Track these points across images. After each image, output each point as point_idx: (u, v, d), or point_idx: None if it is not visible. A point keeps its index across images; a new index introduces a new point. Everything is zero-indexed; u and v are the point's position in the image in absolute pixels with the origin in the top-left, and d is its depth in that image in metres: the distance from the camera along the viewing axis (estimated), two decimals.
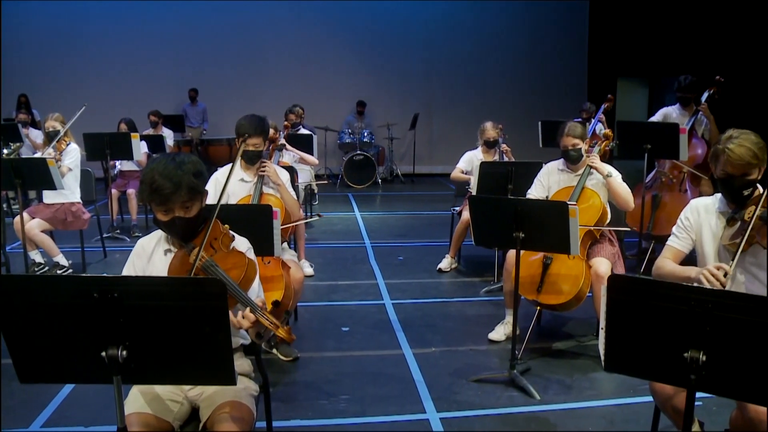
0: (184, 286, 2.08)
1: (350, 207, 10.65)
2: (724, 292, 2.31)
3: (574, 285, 4.56)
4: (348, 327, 5.27)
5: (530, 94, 14.55)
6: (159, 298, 2.02)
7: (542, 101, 14.25)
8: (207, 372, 2.14)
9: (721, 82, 7.07)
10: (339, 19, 14.06)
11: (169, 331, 2.06)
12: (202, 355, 2.09)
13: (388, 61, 14.38)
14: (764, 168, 3.01)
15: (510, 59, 14.67)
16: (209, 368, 2.12)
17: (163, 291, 2.05)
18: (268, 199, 4.63)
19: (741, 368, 2.11)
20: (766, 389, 2.11)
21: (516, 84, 14.69)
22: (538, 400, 4.05)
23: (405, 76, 14.50)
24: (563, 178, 5.06)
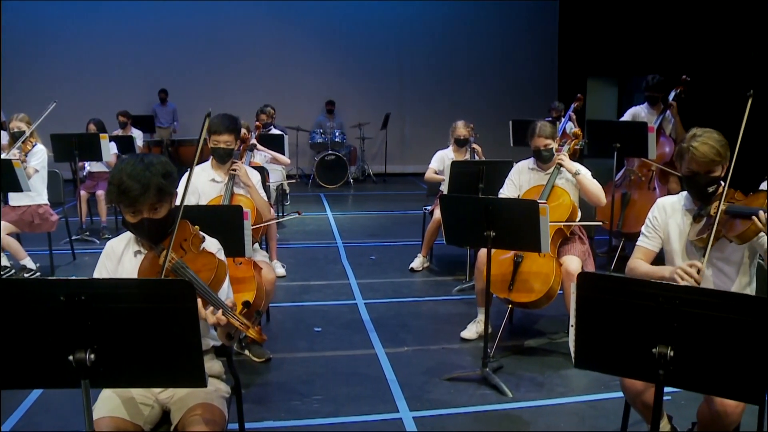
0: (153, 288, 2.06)
1: (322, 207, 10.63)
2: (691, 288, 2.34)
3: (544, 283, 4.59)
4: (320, 327, 5.26)
5: (501, 93, 14.63)
6: (127, 300, 2.00)
7: (513, 100, 14.34)
8: (177, 374, 2.12)
9: (687, 81, 7.18)
10: (310, 19, 14.01)
11: (139, 334, 2.04)
12: (172, 357, 2.07)
13: (360, 60, 14.37)
14: (727, 165, 3.05)
15: (481, 59, 14.73)
16: (179, 370, 2.10)
17: (131, 293, 2.03)
18: (239, 200, 4.60)
19: (707, 363, 2.13)
20: (731, 382, 2.14)
21: (487, 83, 14.75)
22: (510, 398, 4.07)
23: (376, 76, 14.50)
24: (534, 176, 5.10)
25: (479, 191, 5.77)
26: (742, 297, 2.15)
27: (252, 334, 2.44)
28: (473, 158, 6.88)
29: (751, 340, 2.05)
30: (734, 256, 3.08)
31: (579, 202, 5.00)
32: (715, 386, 2.24)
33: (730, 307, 2.05)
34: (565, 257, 4.72)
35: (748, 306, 2.05)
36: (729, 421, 2.77)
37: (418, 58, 14.57)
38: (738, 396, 2.34)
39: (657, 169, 7.00)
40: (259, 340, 2.52)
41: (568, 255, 4.73)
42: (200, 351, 2.07)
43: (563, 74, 14.97)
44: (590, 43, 14.16)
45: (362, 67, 14.40)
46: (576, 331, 2.34)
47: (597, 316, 2.27)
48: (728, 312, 2.05)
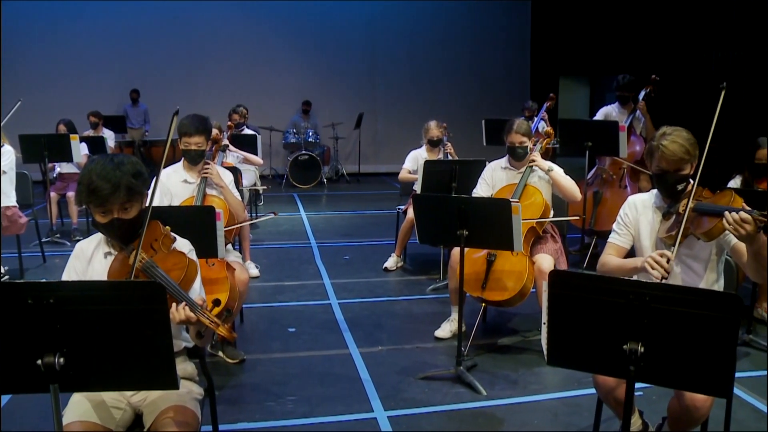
0: (123, 290, 2.04)
1: (296, 207, 10.60)
2: (660, 285, 2.36)
3: (518, 281, 4.61)
4: (294, 328, 5.24)
5: (474, 93, 14.70)
6: (97, 302, 1.98)
7: (486, 100, 14.43)
8: (149, 376, 2.10)
9: (657, 81, 7.27)
10: (282, 18, 13.97)
11: (109, 336, 2.02)
12: (143, 359, 2.05)
13: (333, 60, 14.35)
14: (696, 163, 3.09)
15: (454, 59, 14.79)
16: (151, 372, 2.08)
17: (101, 295, 2.01)
18: (211, 201, 4.57)
19: (677, 358, 2.16)
20: (700, 377, 2.17)
21: (460, 83, 14.81)
22: (484, 396, 4.09)
23: (349, 76, 14.50)
24: (506, 175, 5.12)
25: (452, 190, 5.79)
26: (710, 293, 2.19)
27: (222, 332, 2.43)
28: (446, 158, 6.90)
29: (719, 335, 2.08)
30: (702, 254, 3.12)
31: (552, 200, 5.03)
32: (685, 381, 2.27)
33: (699, 303, 2.08)
34: (538, 255, 4.75)
35: (716, 302, 2.08)
36: (698, 415, 2.81)
37: (391, 58, 14.59)
38: (706, 390, 2.38)
39: (628, 167, 7.07)
40: (229, 338, 2.51)
41: (540, 253, 4.76)
42: (172, 353, 2.05)
43: (536, 74, 15.08)
44: (562, 43, 14.30)
45: (335, 67, 14.39)
46: (548, 329, 2.36)
47: (568, 313, 2.29)
48: (697, 308, 2.08)
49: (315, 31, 14.18)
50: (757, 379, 4.43)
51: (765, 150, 5.30)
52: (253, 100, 11.76)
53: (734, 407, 3.64)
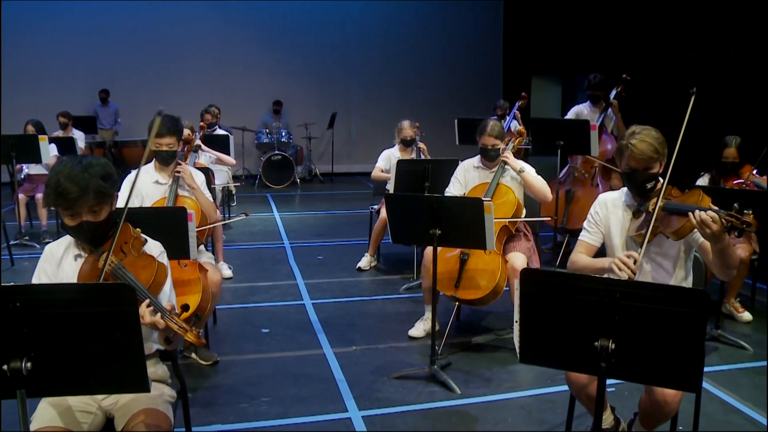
0: (92, 293, 2.01)
1: (269, 207, 10.55)
2: (630, 282, 2.39)
3: (491, 280, 4.63)
4: (268, 328, 5.22)
5: (447, 92, 14.75)
6: (65, 305, 1.95)
7: (458, 99, 14.48)
8: (119, 380, 2.07)
9: (628, 80, 7.35)
10: (255, 18, 13.91)
11: (78, 340, 1.99)
12: (113, 362, 2.03)
13: (305, 60, 14.31)
14: (665, 162, 3.12)
15: (426, 58, 14.82)
16: (121, 376, 2.05)
17: (69, 298, 1.98)
18: (183, 201, 4.54)
19: (647, 354, 2.18)
20: (669, 372, 2.20)
21: (433, 82, 14.85)
22: (458, 394, 4.10)
23: (322, 75, 14.47)
24: (479, 174, 5.15)
25: (425, 190, 5.80)
26: (678, 290, 2.21)
27: (190, 338, 2.41)
28: (419, 157, 6.91)
29: (688, 330, 2.10)
30: (671, 251, 3.15)
31: (524, 199, 5.07)
32: (655, 376, 2.29)
33: (667, 300, 2.11)
34: (511, 254, 4.77)
35: (683, 298, 2.10)
36: (668, 410, 2.85)
37: (364, 58, 14.59)
38: (676, 385, 2.41)
39: (600, 166, 7.14)
40: (197, 344, 2.49)
41: (513, 252, 4.79)
42: (142, 355, 2.03)
43: (508, 73, 15.17)
44: (534, 42, 14.40)
45: (308, 67, 14.35)
46: (520, 327, 2.37)
47: (540, 311, 2.30)
48: (665, 304, 2.10)
49: (287, 31, 14.14)
50: (725, 373, 4.50)
51: (732, 149, 5.39)
52: (225, 99, 11.71)
53: (703, 401, 3.71)
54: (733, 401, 4.07)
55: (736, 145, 5.39)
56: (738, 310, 5.47)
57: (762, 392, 4.21)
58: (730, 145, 5.40)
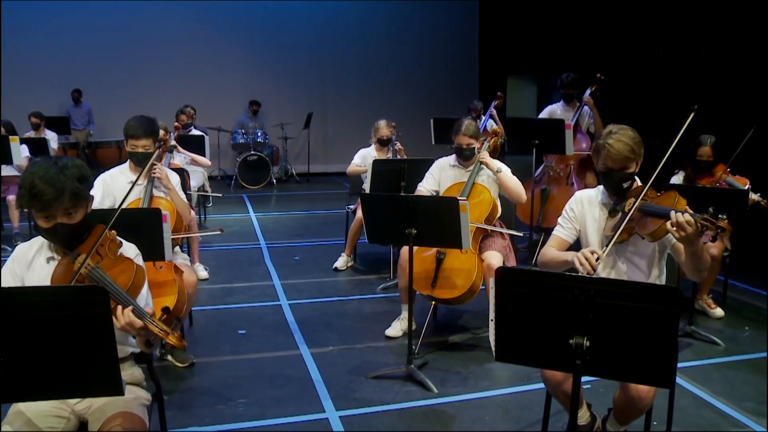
0: (64, 295, 1.99)
1: (245, 208, 10.50)
2: (604, 280, 2.41)
3: (467, 279, 4.65)
4: (244, 330, 5.20)
5: (423, 92, 14.77)
6: (37, 308, 1.93)
7: (434, 99, 14.50)
8: (92, 383, 2.05)
9: (602, 79, 7.40)
10: (230, 17, 13.81)
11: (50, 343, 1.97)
12: (86, 365, 2.01)
13: (281, 60, 14.25)
14: (641, 161, 3.15)
15: (402, 57, 14.83)
16: (95, 379, 2.04)
17: (41, 301, 1.95)
18: (158, 203, 4.50)
19: (621, 351, 2.21)
20: (643, 369, 2.22)
21: (408, 82, 14.86)
22: (435, 393, 4.11)
23: (298, 75, 14.42)
24: (455, 173, 5.16)
25: (401, 189, 5.81)
26: (651, 287, 2.24)
27: (172, 341, 2.39)
28: (395, 157, 6.92)
29: (661, 327, 2.13)
30: (646, 251, 3.18)
31: (500, 199, 5.09)
32: (629, 373, 2.32)
33: (641, 297, 2.13)
34: (487, 253, 4.79)
35: (656, 295, 2.13)
36: (642, 405, 2.88)
37: (340, 58, 14.56)
38: (650, 381, 2.43)
39: (575, 164, 7.19)
40: (179, 346, 2.47)
41: (489, 250, 4.80)
42: (116, 358, 2.01)
43: (483, 73, 15.23)
44: (510, 42, 14.49)
45: (283, 67, 14.29)
46: (496, 326, 2.38)
47: (516, 310, 2.32)
48: (639, 301, 2.12)
49: (263, 31, 14.07)
50: (698, 368, 4.56)
51: (707, 147, 5.45)
52: (200, 100, 11.61)
53: (677, 396, 3.77)
54: (705, 396, 4.13)
55: (711, 144, 5.45)
56: (711, 307, 5.54)
57: (733, 387, 4.28)
58: (704, 144, 5.47)
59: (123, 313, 2.34)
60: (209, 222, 9.17)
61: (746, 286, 6.38)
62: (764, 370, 4.56)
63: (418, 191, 5.22)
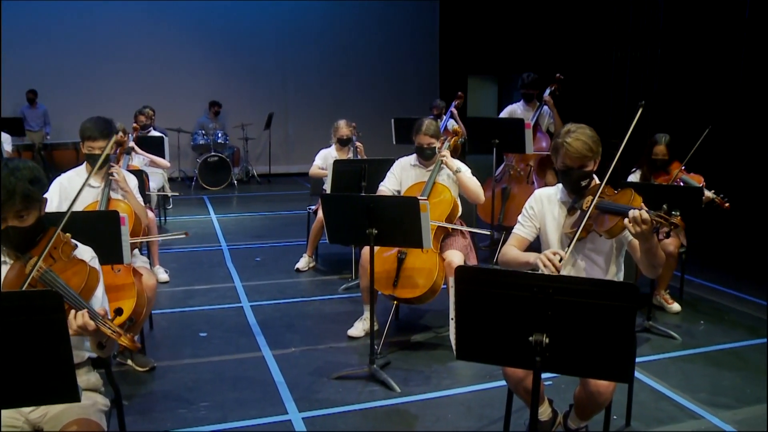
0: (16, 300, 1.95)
1: (205, 210, 10.40)
2: (563, 278, 2.43)
3: (428, 278, 4.66)
4: (206, 332, 5.15)
5: (384, 91, 14.78)
6: None
7: (395, 99, 14.52)
8: (47, 390, 2.01)
9: (561, 79, 7.49)
10: (189, 17, 13.66)
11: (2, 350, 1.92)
12: (40, 372, 1.96)
13: (241, 60, 14.14)
14: (599, 160, 3.19)
15: (363, 57, 14.83)
16: (49, 386, 1.99)
17: None
18: (116, 205, 4.43)
19: (580, 347, 2.23)
20: (602, 364, 2.25)
21: (370, 82, 14.86)
22: (398, 393, 4.12)
23: (258, 76, 14.32)
24: (416, 173, 5.18)
25: (362, 189, 5.81)
26: (608, 283, 2.27)
27: (124, 342, 2.36)
28: (356, 157, 6.92)
29: (618, 323, 2.16)
30: (604, 248, 3.22)
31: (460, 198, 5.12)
32: (588, 369, 2.35)
33: (599, 294, 2.16)
34: (448, 252, 4.81)
35: (613, 291, 2.16)
36: (602, 400, 2.93)
37: (300, 58, 14.50)
38: (608, 376, 2.47)
39: (534, 163, 7.26)
40: (132, 348, 2.45)
41: (450, 249, 4.82)
42: (71, 364, 1.98)
43: (444, 73, 15.30)
44: (470, 42, 14.59)
45: (244, 67, 14.18)
46: (456, 324, 2.39)
47: (475, 308, 2.33)
48: (596, 298, 2.15)
49: (223, 31, 13.95)
50: (656, 362, 4.64)
51: (662, 146, 5.55)
52: (160, 101, 11.48)
53: (635, 390, 3.84)
54: (663, 389, 4.20)
55: (666, 143, 5.55)
56: (668, 302, 5.64)
57: (690, 379, 4.36)
58: (659, 142, 5.56)
59: (77, 317, 2.30)
60: (169, 224, 9.07)
61: (702, 281, 6.52)
62: (719, 363, 4.67)
63: (379, 191, 5.22)
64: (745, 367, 4.63)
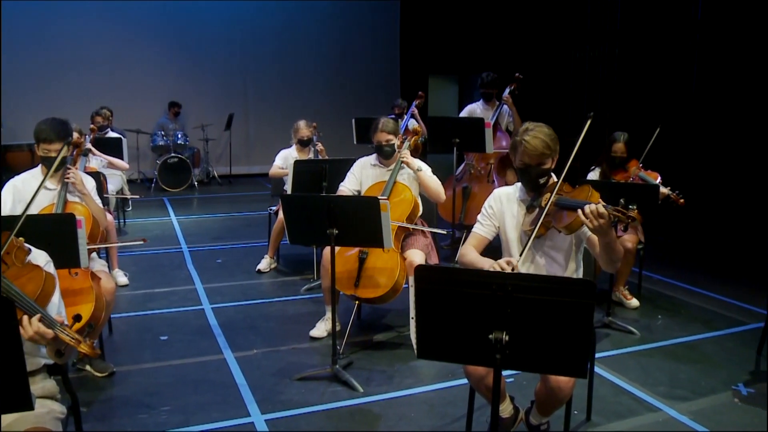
0: None
1: (166, 212, 10.28)
2: (521, 275, 2.46)
3: (390, 278, 4.67)
4: (166, 335, 5.09)
5: (345, 91, 14.76)
6: None
7: (356, 99, 14.52)
8: None
9: (520, 78, 7.56)
10: (147, 16, 13.44)
11: None
12: None
13: (201, 60, 13.98)
14: (557, 158, 3.23)
15: (324, 58, 14.78)
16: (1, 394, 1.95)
17: None
18: (73, 208, 4.36)
19: (539, 344, 2.25)
20: (561, 360, 2.27)
21: (330, 82, 14.82)
22: (361, 393, 4.12)
23: (219, 76, 14.18)
24: (376, 173, 5.18)
25: (323, 190, 5.80)
26: (566, 280, 2.29)
27: (84, 349, 2.32)
28: (316, 157, 6.91)
29: (576, 319, 2.18)
30: (563, 245, 3.25)
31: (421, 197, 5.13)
32: (547, 365, 2.37)
33: (557, 291, 2.18)
34: (409, 251, 4.82)
35: (572, 288, 2.18)
36: (562, 396, 2.96)
37: (261, 58, 14.40)
38: (567, 372, 2.49)
39: (495, 162, 7.31)
40: (92, 355, 2.41)
41: (411, 249, 4.84)
42: (24, 371, 1.94)
43: (405, 72, 15.34)
44: (431, 42, 14.65)
45: (203, 67, 14.03)
46: (416, 323, 2.40)
47: (435, 307, 2.34)
48: (554, 295, 2.17)
49: (182, 30, 13.77)
50: (615, 357, 4.71)
51: (620, 144, 5.63)
52: (118, 101, 11.31)
53: (595, 385, 3.90)
54: (622, 383, 4.27)
55: (624, 141, 5.63)
56: (627, 297, 5.72)
57: (648, 373, 4.44)
58: (618, 140, 5.65)
59: (31, 323, 2.26)
60: (129, 226, 8.96)
61: (660, 277, 6.63)
62: (676, 356, 4.75)
63: (340, 191, 5.22)
64: (700, 359, 4.72)
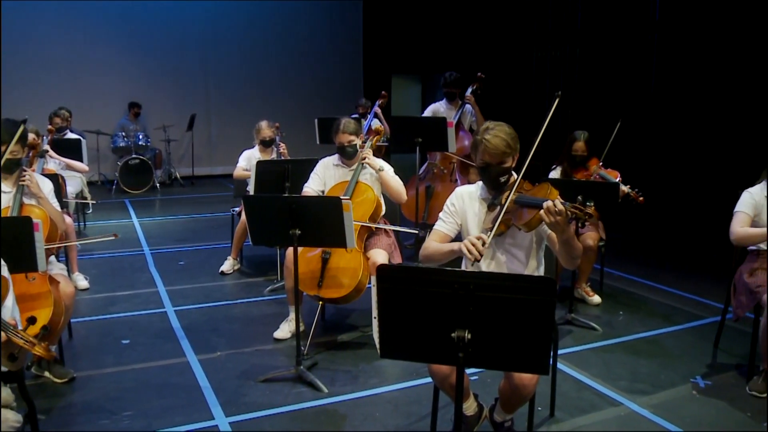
0: None
1: (127, 214, 10.15)
2: (483, 273, 2.47)
3: (353, 278, 4.67)
4: (128, 339, 5.03)
5: (308, 91, 14.73)
6: None
7: (319, 99, 14.51)
8: None
9: (483, 78, 7.61)
10: (108, 16, 13.25)
11: None
12: None
13: (162, 60, 13.83)
14: (518, 156, 3.25)
15: (286, 58, 14.73)
16: None
17: None
18: (29, 211, 4.29)
19: (502, 342, 2.27)
20: (523, 358, 2.29)
21: (293, 82, 14.78)
22: (326, 393, 4.11)
23: (180, 76, 14.04)
24: (338, 173, 5.18)
25: (286, 190, 5.78)
26: (526, 278, 2.31)
27: (39, 352, 2.28)
28: (279, 157, 6.88)
29: (537, 316, 2.20)
30: (524, 242, 3.28)
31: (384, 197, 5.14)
32: (509, 362, 2.40)
33: (518, 288, 2.20)
34: (372, 251, 4.83)
35: (533, 286, 2.20)
36: (526, 392, 2.99)
37: (223, 58, 14.30)
38: (530, 369, 2.51)
39: (457, 161, 7.35)
40: (47, 357, 2.37)
41: (374, 248, 4.85)
42: None
43: (368, 72, 15.37)
44: (394, 42, 14.69)
45: (165, 67, 13.88)
46: (379, 323, 2.40)
47: (397, 306, 2.34)
48: (515, 293, 2.19)
49: (142, 30, 13.58)
50: (578, 353, 4.77)
51: (581, 142, 5.70)
52: (77, 102, 11.15)
53: (558, 381, 3.94)
54: (585, 379, 4.32)
55: (585, 139, 5.70)
56: (589, 294, 5.79)
57: (610, 368, 4.50)
58: (579, 139, 5.72)
59: None
60: (89, 229, 8.82)
61: (621, 273, 6.73)
62: (637, 351, 4.83)
63: (304, 192, 5.20)
64: (660, 353, 4.80)
